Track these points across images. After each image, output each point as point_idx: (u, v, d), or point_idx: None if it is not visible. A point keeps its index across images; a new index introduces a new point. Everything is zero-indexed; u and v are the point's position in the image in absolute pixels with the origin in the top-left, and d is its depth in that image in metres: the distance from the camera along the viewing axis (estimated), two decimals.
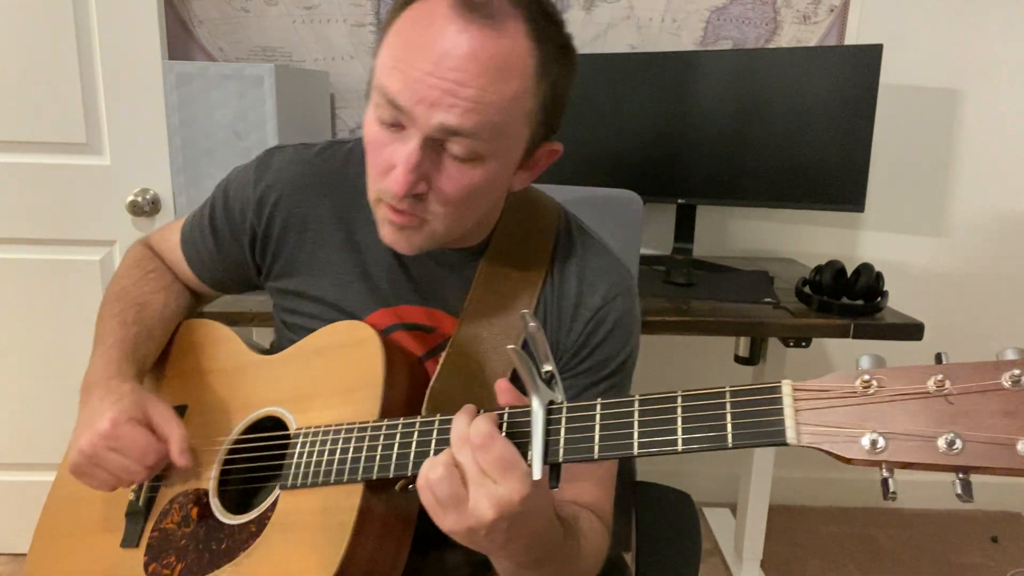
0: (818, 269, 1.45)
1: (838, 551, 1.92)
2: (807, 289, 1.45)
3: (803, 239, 1.96)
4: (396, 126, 0.66)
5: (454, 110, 0.62)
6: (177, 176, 1.45)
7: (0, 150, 1.57)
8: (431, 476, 0.57)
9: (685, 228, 1.76)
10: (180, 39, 1.78)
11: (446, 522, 0.57)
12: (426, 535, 0.59)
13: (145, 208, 1.58)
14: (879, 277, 1.38)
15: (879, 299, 1.39)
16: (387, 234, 0.71)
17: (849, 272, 1.41)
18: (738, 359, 1.76)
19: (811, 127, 1.60)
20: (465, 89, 0.62)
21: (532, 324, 0.60)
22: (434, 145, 0.65)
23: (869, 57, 1.53)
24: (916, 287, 1.97)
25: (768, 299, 1.48)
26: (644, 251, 1.88)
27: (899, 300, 1.51)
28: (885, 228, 1.96)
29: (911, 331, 1.35)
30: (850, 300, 1.39)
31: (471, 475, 0.56)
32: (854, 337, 1.36)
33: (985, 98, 1.87)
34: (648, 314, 1.37)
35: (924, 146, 1.90)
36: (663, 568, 0.86)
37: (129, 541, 0.80)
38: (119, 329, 0.84)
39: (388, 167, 0.67)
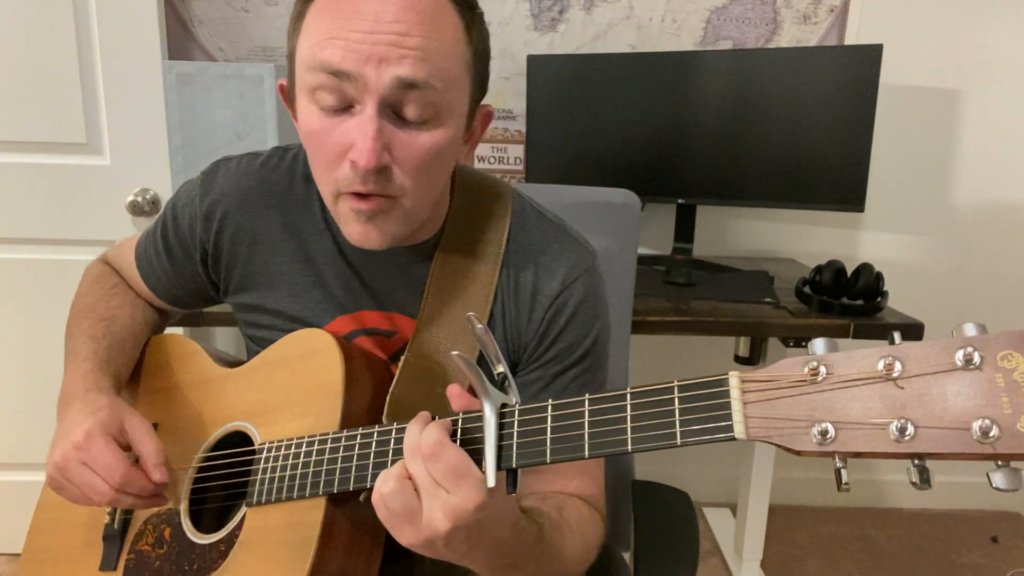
0: (818, 269, 1.45)
1: (838, 551, 1.92)
2: (807, 289, 1.45)
3: (803, 239, 1.96)
4: (340, 110, 0.64)
5: (404, 61, 0.61)
6: (177, 176, 1.45)
7: (0, 150, 1.58)
8: (383, 490, 0.55)
9: (685, 228, 1.76)
10: (180, 39, 1.78)
11: (403, 536, 0.56)
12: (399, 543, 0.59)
13: (145, 208, 1.58)
14: (879, 277, 1.38)
15: (879, 299, 1.39)
16: (355, 231, 0.68)
17: (849, 272, 1.41)
18: (738, 359, 1.76)
19: (811, 127, 1.60)
20: (410, 39, 0.61)
21: (479, 327, 0.59)
22: (388, 112, 0.63)
23: (869, 57, 1.53)
24: (916, 287, 1.97)
25: (768, 299, 1.48)
26: (644, 251, 1.88)
27: (899, 300, 1.51)
28: (885, 228, 1.96)
29: (911, 331, 1.35)
30: (850, 300, 1.39)
31: (423, 486, 0.54)
32: (854, 337, 1.36)
33: (985, 98, 1.86)
34: (648, 314, 1.37)
35: (924, 146, 1.90)
36: (661, 567, 0.86)
37: (107, 564, 0.79)
38: (90, 343, 0.82)
39: (342, 151, 0.64)
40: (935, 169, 1.92)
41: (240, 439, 0.78)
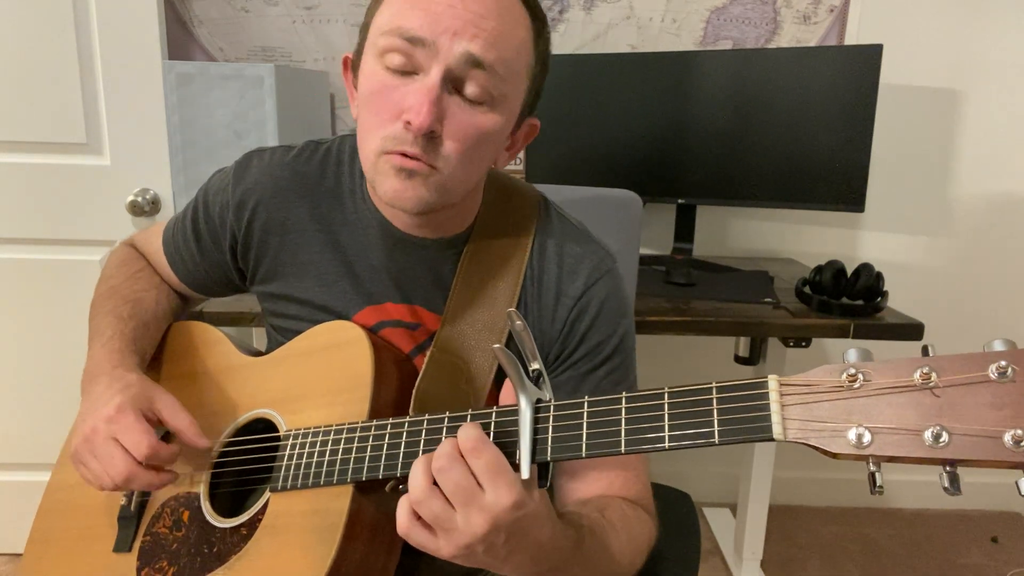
0: (818, 269, 1.45)
1: (838, 551, 1.92)
2: (807, 289, 1.45)
3: (803, 239, 1.96)
4: (406, 74, 0.66)
5: (477, 40, 0.64)
6: (177, 176, 1.45)
7: (0, 150, 1.58)
8: (415, 497, 0.56)
9: (685, 228, 1.76)
10: (180, 39, 1.78)
11: (441, 547, 0.56)
12: None
13: (145, 208, 1.58)
14: (879, 277, 1.38)
15: (879, 299, 1.39)
16: (392, 187, 0.68)
17: (849, 272, 1.41)
18: (738, 359, 1.76)
19: (811, 127, 1.60)
20: (487, 21, 0.64)
21: (518, 323, 0.60)
22: (449, 87, 0.66)
23: (869, 57, 1.53)
24: (916, 287, 1.97)
25: (768, 299, 1.48)
26: (644, 251, 1.88)
27: (899, 300, 1.51)
28: (885, 228, 1.96)
29: (911, 331, 1.35)
30: (850, 300, 1.39)
31: (460, 490, 0.55)
32: (854, 337, 1.36)
33: (985, 98, 1.86)
34: (648, 314, 1.37)
35: (924, 146, 1.90)
36: (662, 568, 0.86)
37: (121, 546, 0.79)
38: (116, 323, 0.84)
39: (398, 111, 0.66)
40: (935, 169, 1.92)
41: (263, 427, 0.79)
